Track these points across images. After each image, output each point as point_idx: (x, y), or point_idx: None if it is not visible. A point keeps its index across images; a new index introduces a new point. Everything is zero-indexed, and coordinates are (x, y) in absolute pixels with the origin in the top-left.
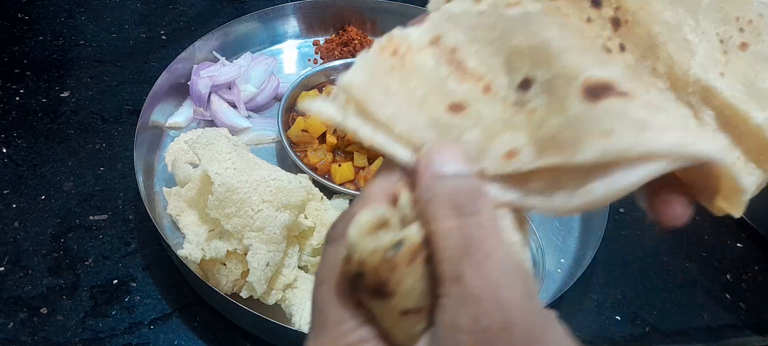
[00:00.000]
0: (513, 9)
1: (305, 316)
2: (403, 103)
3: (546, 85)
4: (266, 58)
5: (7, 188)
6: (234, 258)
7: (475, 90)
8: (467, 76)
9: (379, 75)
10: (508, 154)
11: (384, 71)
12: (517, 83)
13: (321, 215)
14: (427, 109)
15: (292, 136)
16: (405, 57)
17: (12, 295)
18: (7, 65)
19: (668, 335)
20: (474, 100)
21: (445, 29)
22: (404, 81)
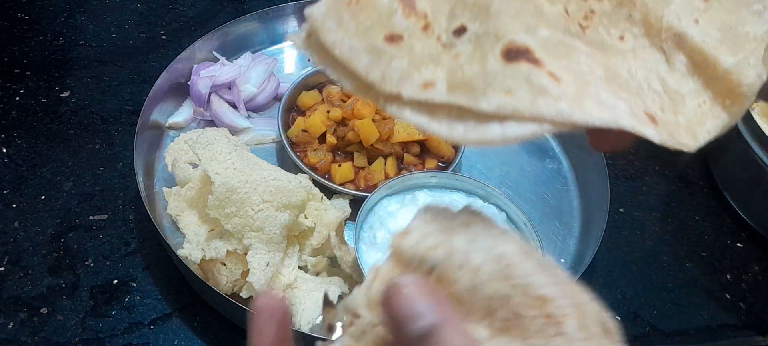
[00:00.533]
0: None
1: (305, 316)
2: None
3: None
4: (266, 58)
5: (7, 188)
6: (234, 258)
7: (416, 26)
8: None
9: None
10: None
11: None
12: (454, 29)
13: (321, 215)
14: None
15: (292, 136)
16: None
17: (12, 295)
18: (7, 65)
19: (668, 335)
20: (411, 35)
21: None
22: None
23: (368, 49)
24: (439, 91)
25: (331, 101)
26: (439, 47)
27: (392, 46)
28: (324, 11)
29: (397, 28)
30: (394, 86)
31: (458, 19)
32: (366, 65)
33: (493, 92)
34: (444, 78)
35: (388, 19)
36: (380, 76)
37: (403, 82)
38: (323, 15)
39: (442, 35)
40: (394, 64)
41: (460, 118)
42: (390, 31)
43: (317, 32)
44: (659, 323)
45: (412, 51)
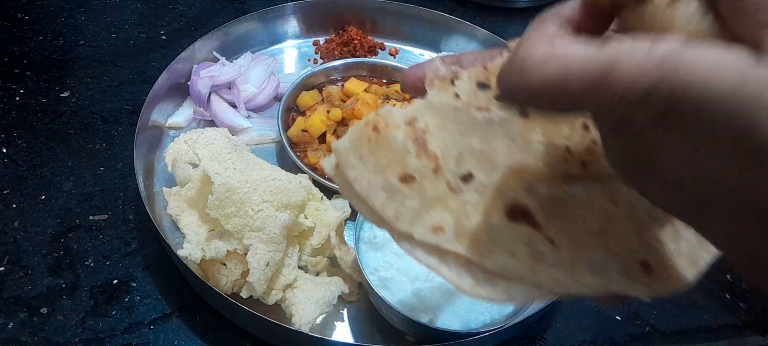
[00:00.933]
0: (481, 113)
1: (305, 316)
2: (369, 168)
3: (481, 187)
4: (266, 58)
5: (7, 188)
6: (234, 258)
7: (427, 168)
8: (424, 154)
9: (359, 144)
10: (434, 229)
11: (364, 141)
12: (461, 174)
13: (321, 215)
14: (385, 175)
15: (292, 136)
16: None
17: (12, 295)
18: (7, 65)
19: (668, 335)
20: (423, 176)
21: (421, 113)
22: (375, 150)
23: (384, 186)
24: (447, 237)
25: (331, 101)
26: (448, 191)
27: (405, 186)
28: (348, 146)
29: (410, 168)
30: (407, 226)
31: (466, 163)
32: (382, 202)
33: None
34: (452, 224)
35: (402, 158)
36: (394, 214)
37: (414, 224)
38: (347, 150)
39: (450, 179)
40: (407, 204)
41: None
42: (404, 171)
43: (341, 166)
44: (659, 323)
45: (423, 192)
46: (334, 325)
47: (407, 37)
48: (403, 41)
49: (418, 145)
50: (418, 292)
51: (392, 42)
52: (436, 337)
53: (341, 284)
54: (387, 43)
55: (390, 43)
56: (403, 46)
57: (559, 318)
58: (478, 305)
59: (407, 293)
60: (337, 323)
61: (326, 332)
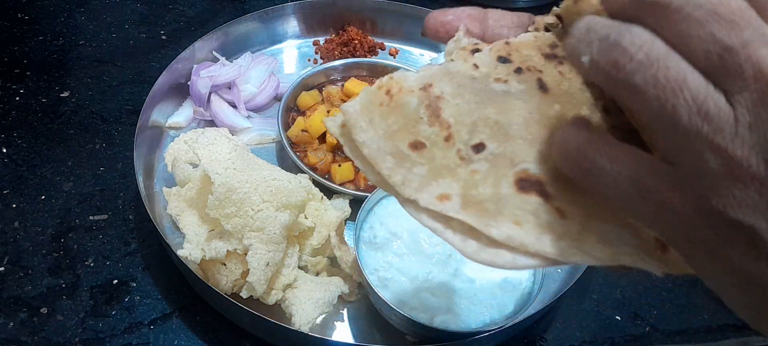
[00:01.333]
0: (499, 84)
1: (305, 316)
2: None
3: (492, 157)
4: (266, 58)
5: (7, 188)
6: (234, 258)
7: (439, 136)
8: (438, 122)
9: (370, 107)
10: (441, 196)
11: (375, 105)
12: (473, 143)
13: (321, 215)
14: (395, 139)
15: (292, 136)
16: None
17: (12, 295)
18: (7, 65)
19: (668, 335)
20: (433, 143)
21: (438, 80)
22: (387, 114)
23: (393, 152)
24: (453, 205)
25: (331, 101)
26: (458, 160)
27: (415, 153)
28: (358, 109)
29: (421, 135)
30: (413, 193)
31: (479, 134)
32: (390, 167)
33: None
34: (459, 193)
35: (414, 124)
36: (401, 180)
37: (421, 191)
38: (357, 112)
39: (461, 148)
40: (415, 171)
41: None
42: (415, 137)
43: (350, 128)
44: (660, 323)
45: (432, 160)
46: (334, 325)
47: (407, 37)
48: (403, 41)
49: (431, 112)
50: (417, 292)
51: (392, 42)
52: (435, 337)
53: (341, 284)
54: (387, 43)
55: (390, 43)
56: (403, 46)
57: (559, 318)
58: (478, 305)
59: (407, 293)
60: (337, 323)
61: (326, 332)
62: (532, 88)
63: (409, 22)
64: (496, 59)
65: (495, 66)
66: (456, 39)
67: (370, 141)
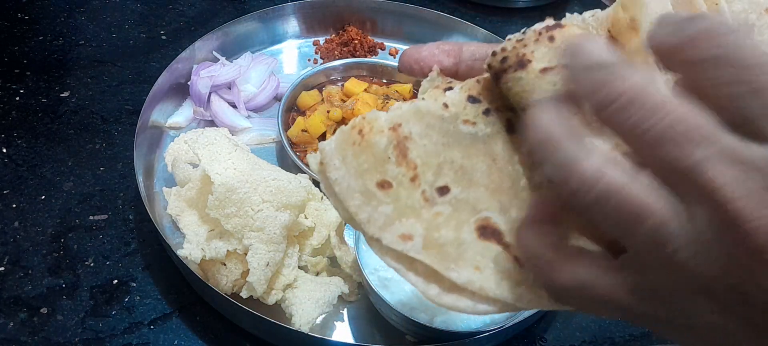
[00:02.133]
0: (467, 126)
1: (305, 316)
2: (350, 171)
3: (455, 202)
4: (266, 58)
5: (7, 188)
6: (234, 258)
7: (405, 176)
8: (405, 162)
9: (344, 146)
10: (403, 236)
11: (349, 144)
12: (438, 186)
13: (321, 215)
14: (364, 178)
15: (292, 136)
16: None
17: (12, 295)
18: (7, 65)
19: None
20: (399, 183)
21: (407, 120)
22: (359, 153)
23: (361, 190)
24: (415, 245)
25: (331, 101)
26: (423, 201)
27: (381, 192)
28: (333, 147)
29: (388, 174)
30: (377, 231)
31: (444, 177)
32: (357, 205)
33: (464, 264)
34: (421, 234)
35: (382, 164)
36: (366, 218)
37: (385, 230)
38: (332, 151)
39: (426, 189)
40: (381, 210)
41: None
42: (382, 176)
43: (325, 166)
44: None
45: (398, 199)
46: (334, 325)
47: (407, 37)
48: (403, 41)
49: (399, 152)
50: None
51: (392, 42)
52: (435, 337)
53: (341, 284)
54: (387, 43)
55: (390, 43)
56: (403, 46)
57: (559, 318)
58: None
59: (407, 293)
60: (337, 323)
61: (326, 332)
62: (499, 131)
63: (409, 22)
64: (466, 99)
65: (464, 106)
66: (430, 78)
67: (341, 179)
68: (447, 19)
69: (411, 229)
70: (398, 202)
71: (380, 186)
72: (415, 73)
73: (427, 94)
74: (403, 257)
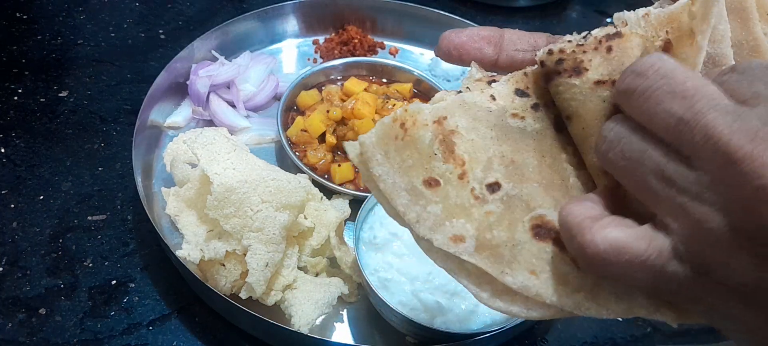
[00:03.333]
0: (515, 120)
1: (304, 317)
2: (394, 167)
3: (507, 198)
4: (265, 57)
5: (6, 189)
6: (233, 259)
7: (453, 173)
8: (452, 158)
9: (385, 139)
10: (454, 238)
11: (390, 138)
12: (488, 183)
13: (320, 216)
14: (410, 175)
15: (291, 136)
16: (409, 130)
17: (10, 295)
18: (5, 65)
19: (669, 336)
20: (448, 181)
21: (452, 112)
22: (402, 149)
23: (408, 188)
24: (467, 247)
25: (331, 101)
26: (472, 199)
27: (429, 191)
28: (374, 141)
29: (435, 171)
30: (427, 232)
31: (494, 172)
32: (405, 204)
33: (518, 268)
34: (473, 235)
35: (428, 160)
36: (415, 218)
37: (435, 231)
38: (373, 145)
39: (476, 187)
40: (430, 209)
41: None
42: (429, 174)
43: (367, 160)
44: (661, 324)
45: (446, 198)
46: (333, 326)
47: (407, 37)
48: (403, 40)
49: (445, 148)
50: (418, 293)
51: (392, 41)
52: (436, 338)
53: (341, 285)
54: (387, 42)
55: (390, 42)
56: (403, 46)
57: (559, 319)
58: (478, 306)
59: (407, 294)
60: (337, 324)
61: (326, 333)
62: (547, 127)
63: (409, 21)
64: (513, 92)
65: (512, 99)
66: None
67: (386, 175)
68: (447, 19)
69: (462, 230)
70: (447, 200)
71: (427, 184)
72: (452, 60)
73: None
74: (453, 258)
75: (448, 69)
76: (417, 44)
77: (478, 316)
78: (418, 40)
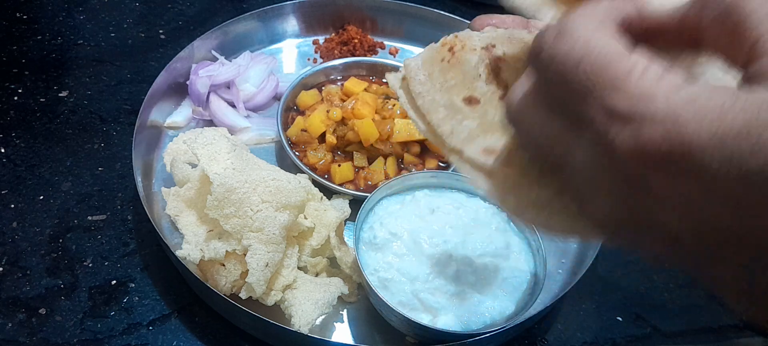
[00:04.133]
0: None
1: (304, 317)
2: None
3: None
4: (265, 57)
5: (6, 189)
6: (233, 259)
7: (494, 94)
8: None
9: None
10: (486, 150)
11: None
12: None
13: (320, 216)
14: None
15: (291, 136)
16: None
17: (10, 295)
18: (5, 65)
19: (670, 336)
20: (488, 101)
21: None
22: (447, 70)
23: (446, 104)
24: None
25: (331, 101)
26: None
27: (468, 107)
28: (419, 63)
29: (477, 91)
30: (459, 143)
31: None
32: (440, 118)
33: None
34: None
35: (471, 81)
36: (449, 130)
37: (468, 143)
38: (418, 67)
39: None
40: (465, 124)
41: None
42: (470, 93)
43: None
44: (661, 324)
45: (484, 115)
46: (333, 326)
47: (407, 36)
48: (404, 40)
49: (490, 71)
50: (418, 293)
51: (392, 41)
52: (436, 338)
53: (341, 285)
54: (387, 42)
55: (390, 42)
56: (404, 46)
57: (560, 319)
58: (479, 306)
59: (407, 294)
60: (337, 324)
61: (326, 334)
62: None
63: (409, 21)
64: None
65: None
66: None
67: (426, 92)
68: (448, 19)
69: (495, 143)
70: (485, 118)
71: (467, 101)
72: None
73: None
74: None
75: None
76: (417, 44)
77: (478, 316)
78: (418, 40)
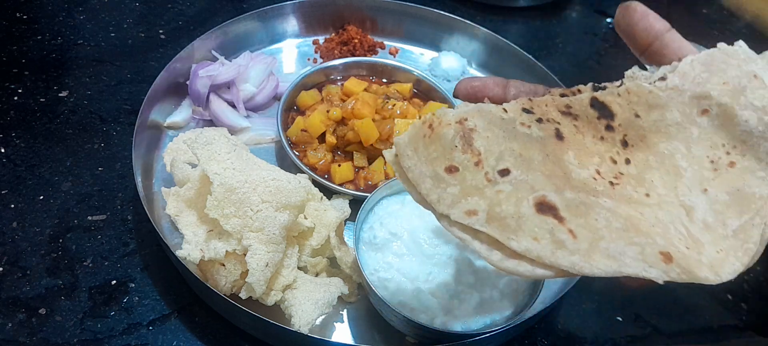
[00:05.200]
0: (523, 127)
1: (305, 317)
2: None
3: (516, 182)
4: (265, 57)
5: (6, 189)
6: (233, 259)
7: (470, 161)
8: (470, 150)
9: (415, 139)
10: (469, 212)
11: (419, 137)
12: (500, 169)
13: (321, 216)
14: (434, 165)
15: (291, 136)
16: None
17: (10, 295)
18: (5, 65)
19: (670, 336)
20: (465, 167)
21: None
22: (429, 144)
23: (432, 175)
24: (479, 219)
25: (331, 101)
26: (485, 181)
27: (449, 176)
28: (406, 140)
29: (455, 160)
30: (445, 209)
31: (505, 162)
32: (428, 188)
33: (523, 235)
34: (485, 209)
35: (449, 152)
36: (437, 198)
37: (452, 207)
38: (405, 143)
39: (489, 172)
40: (449, 190)
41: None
42: (450, 162)
43: (400, 156)
44: (661, 324)
45: (464, 181)
46: (333, 326)
47: (407, 37)
48: (404, 40)
49: (465, 141)
50: (418, 293)
51: (392, 41)
52: (436, 338)
53: (341, 285)
54: (387, 42)
55: (390, 42)
56: (403, 46)
57: (560, 319)
58: (478, 307)
59: (407, 294)
60: (337, 324)
61: (326, 333)
62: (550, 136)
63: (409, 22)
64: (520, 109)
65: (520, 113)
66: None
67: (414, 166)
68: (448, 19)
69: (475, 205)
70: (464, 183)
71: (448, 170)
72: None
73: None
74: (468, 230)
75: (448, 69)
76: (417, 44)
77: (478, 316)
78: (418, 40)
